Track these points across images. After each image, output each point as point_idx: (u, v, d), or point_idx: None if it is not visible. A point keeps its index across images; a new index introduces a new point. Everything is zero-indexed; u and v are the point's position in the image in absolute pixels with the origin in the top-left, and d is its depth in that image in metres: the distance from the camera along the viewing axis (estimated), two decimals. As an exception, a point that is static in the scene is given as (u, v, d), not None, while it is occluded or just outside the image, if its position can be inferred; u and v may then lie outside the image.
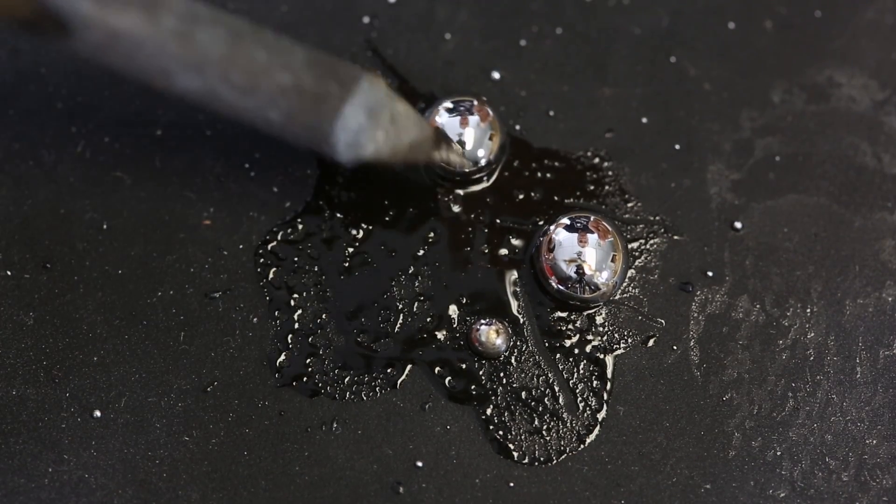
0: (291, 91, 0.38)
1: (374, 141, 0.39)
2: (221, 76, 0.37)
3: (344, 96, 0.38)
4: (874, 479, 0.43)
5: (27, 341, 0.43)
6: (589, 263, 0.43)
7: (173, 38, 0.37)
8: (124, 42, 0.36)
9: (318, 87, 0.38)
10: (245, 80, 0.38)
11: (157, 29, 0.37)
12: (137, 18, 0.36)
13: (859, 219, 0.47)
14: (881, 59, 0.50)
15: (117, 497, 0.41)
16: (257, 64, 0.38)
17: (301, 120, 0.38)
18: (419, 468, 0.42)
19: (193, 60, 0.37)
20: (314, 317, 0.44)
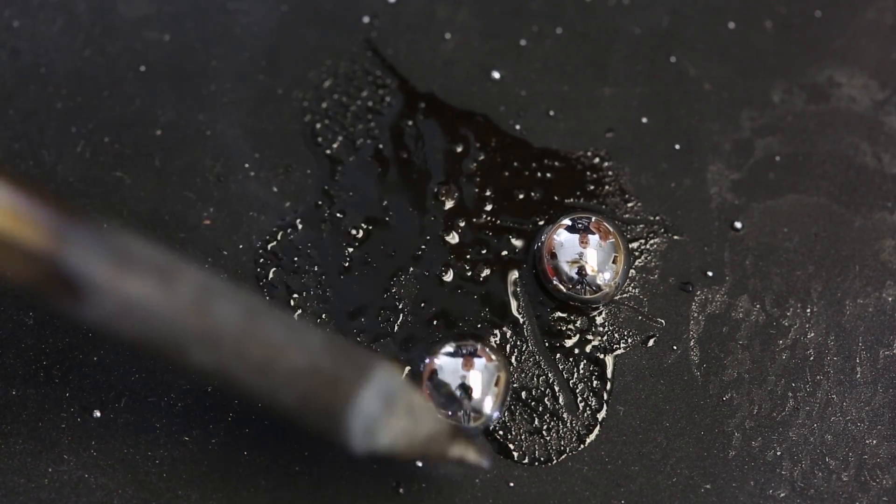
0: (307, 373, 0.37)
1: (390, 429, 0.37)
2: (237, 354, 0.36)
3: (359, 382, 0.37)
4: (874, 479, 0.43)
5: (27, 341, 0.43)
6: (591, 265, 0.43)
7: (188, 311, 0.35)
8: (138, 312, 0.35)
9: (334, 370, 0.37)
10: (260, 358, 0.36)
11: (172, 300, 0.35)
12: (153, 287, 0.35)
13: (859, 219, 0.47)
14: (881, 59, 0.50)
15: (117, 497, 0.41)
16: (272, 343, 0.36)
17: (315, 403, 0.37)
18: (419, 468, 0.42)
19: (208, 335, 0.36)
20: (314, 317, 0.44)
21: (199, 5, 0.49)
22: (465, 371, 0.42)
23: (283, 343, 0.37)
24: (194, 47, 0.48)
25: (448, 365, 0.42)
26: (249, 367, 0.36)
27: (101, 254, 0.35)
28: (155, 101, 0.47)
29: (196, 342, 0.36)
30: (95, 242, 0.35)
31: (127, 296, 0.35)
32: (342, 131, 0.47)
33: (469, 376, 0.42)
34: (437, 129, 0.47)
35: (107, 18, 0.48)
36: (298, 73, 0.48)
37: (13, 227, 0.34)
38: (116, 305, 0.35)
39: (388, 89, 0.48)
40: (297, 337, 0.37)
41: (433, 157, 0.47)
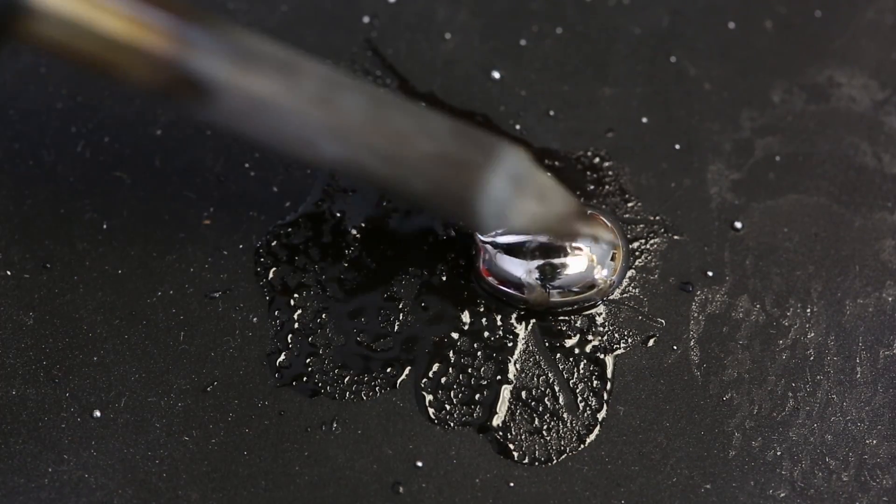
0: (436, 158, 0.36)
1: (521, 213, 0.37)
2: (365, 144, 0.36)
3: (489, 164, 0.37)
4: (874, 479, 0.43)
5: (27, 341, 0.43)
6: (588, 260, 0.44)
7: (316, 104, 0.36)
8: (265, 109, 0.35)
9: (463, 154, 0.37)
10: (389, 147, 0.36)
11: (299, 94, 0.35)
12: (278, 84, 0.35)
13: (859, 219, 0.47)
14: (881, 58, 0.50)
15: (117, 497, 0.41)
16: (401, 131, 0.36)
17: (446, 189, 0.37)
18: (419, 468, 0.42)
19: (336, 127, 0.36)
20: (314, 316, 0.44)
21: (199, 5, 0.49)
22: None
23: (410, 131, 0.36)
24: (194, 47, 0.48)
25: None
26: (379, 156, 0.36)
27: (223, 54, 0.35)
28: (155, 101, 0.47)
29: (324, 135, 0.36)
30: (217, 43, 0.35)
31: (253, 93, 0.35)
32: (342, 131, 0.47)
33: None
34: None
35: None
36: (298, 73, 0.48)
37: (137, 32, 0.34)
38: (243, 104, 0.35)
39: (388, 89, 0.48)
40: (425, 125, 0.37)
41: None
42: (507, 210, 0.37)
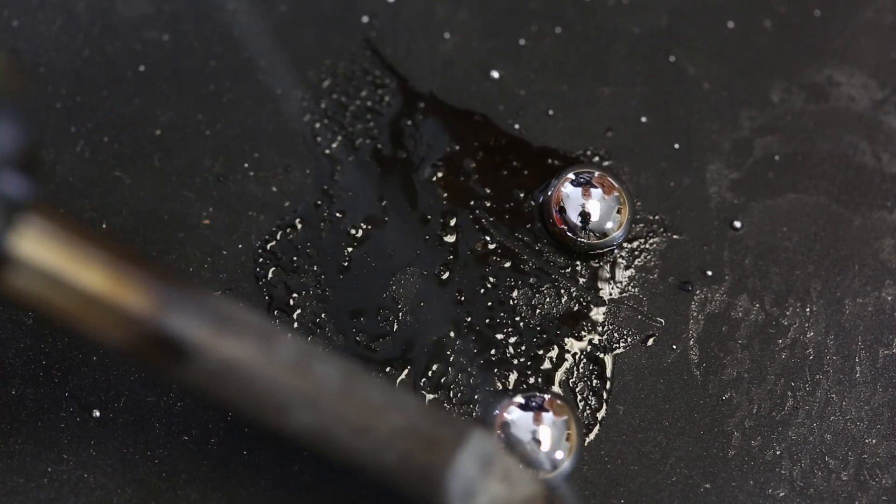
0: (406, 433, 0.37)
1: (486, 494, 0.37)
2: (337, 414, 0.36)
3: (458, 443, 0.37)
4: (874, 478, 0.43)
5: (26, 341, 0.43)
6: (594, 212, 0.44)
7: (288, 371, 0.36)
8: (238, 372, 0.35)
9: (433, 431, 0.37)
10: (360, 418, 0.36)
11: (273, 360, 0.36)
12: (253, 348, 0.35)
13: (859, 218, 0.47)
14: (880, 58, 0.50)
15: (116, 496, 0.41)
16: (373, 404, 0.37)
17: (413, 464, 0.37)
18: (418, 467, 0.42)
19: (308, 396, 0.36)
20: (313, 316, 0.44)
21: (199, 5, 0.49)
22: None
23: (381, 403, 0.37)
24: (193, 47, 0.48)
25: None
26: (349, 427, 0.37)
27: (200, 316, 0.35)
28: (154, 100, 0.47)
29: (296, 403, 0.36)
30: (194, 306, 0.35)
31: (228, 356, 0.35)
32: (341, 131, 0.47)
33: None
34: (437, 129, 0.47)
35: (106, 18, 0.48)
36: (298, 73, 0.48)
37: (116, 290, 0.35)
38: (217, 366, 0.35)
39: (387, 89, 0.48)
40: (395, 399, 0.37)
41: (432, 156, 0.47)
42: (473, 490, 0.37)
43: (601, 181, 0.45)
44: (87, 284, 0.34)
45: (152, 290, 0.35)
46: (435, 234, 0.45)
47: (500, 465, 0.38)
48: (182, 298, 0.35)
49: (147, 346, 0.35)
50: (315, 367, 0.36)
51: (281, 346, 0.36)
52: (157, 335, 0.35)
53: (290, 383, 0.36)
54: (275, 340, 0.36)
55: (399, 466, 0.37)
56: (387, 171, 0.46)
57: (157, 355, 0.36)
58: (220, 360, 0.35)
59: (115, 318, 0.35)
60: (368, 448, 0.37)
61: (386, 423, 0.37)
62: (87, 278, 0.34)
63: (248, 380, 0.36)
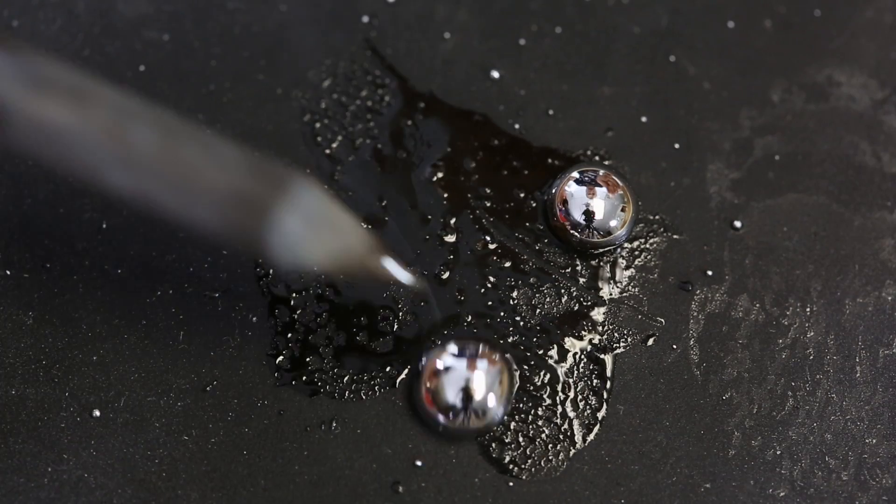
0: (225, 192, 0.36)
1: (311, 248, 0.37)
2: (152, 174, 0.35)
3: (280, 200, 0.36)
4: (874, 478, 0.43)
5: (26, 341, 0.43)
6: (598, 211, 0.44)
7: (103, 133, 0.35)
8: (51, 134, 0.35)
9: (253, 189, 0.36)
10: (176, 179, 0.36)
11: (87, 121, 0.35)
12: (67, 110, 0.35)
13: (859, 218, 0.47)
14: (881, 58, 0.50)
15: (116, 496, 0.41)
16: (190, 163, 0.36)
17: (234, 223, 0.36)
18: (418, 468, 0.42)
19: (124, 156, 0.35)
20: (313, 316, 0.44)
21: (199, 5, 0.49)
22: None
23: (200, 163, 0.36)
24: (194, 47, 0.48)
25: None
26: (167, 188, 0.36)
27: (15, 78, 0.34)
28: (154, 100, 0.47)
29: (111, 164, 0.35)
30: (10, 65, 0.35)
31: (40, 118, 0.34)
32: (341, 131, 0.47)
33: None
34: (437, 129, 0.47)
35: (106, 18, 0.48)
36: (297, 73, 0.48)
37: None
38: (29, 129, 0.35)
39: (387, 89, 0.48)
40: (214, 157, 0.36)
41: (432, 156, 0.47)
42: (298, 245, 0.37)
43: (606, 179, 0.45)
44: None
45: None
46: (435, 234, 0.45)
47: (326, 217, 0.37)
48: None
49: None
50: (132, 126, 0.35)
51: (96, 105, 0.35)
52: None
53: (105, 145, 0.35)
54: (90, 100, 0.35)
55: (221, 226, 0.37)
56: (387, 171, 0.46)
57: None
58: (31, 121, 0.35)
59: None
60: (188, 208, 0.36)
61: (204, 183, 0.36)
62: None
63: (62, 143, 0.35)
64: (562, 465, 0.42)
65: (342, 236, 0.37)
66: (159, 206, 0.36)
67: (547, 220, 0.45)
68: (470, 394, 0.42)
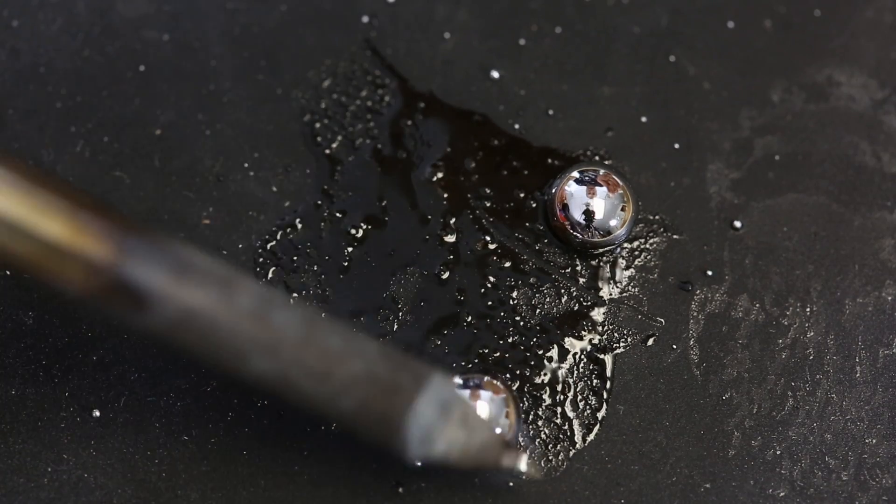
0: (364, 380, 0.37)
1: (445, 438, 0.38)
2: (295, 360, 0.37)
3: (417, 389, 0.37)
4: (874, 478, 0.43)
5: (26, 341, 0.43)
6: (598, 210, 0.44)
7: (249, 318, 0.36)
8: (199, 320, 0.36)
9: (392, 377, 0.37)
10: (319, 364, 0.37)
11: (233, 307, 0.36)
12: (214, 296, 0.36)
13: (859, 218, 0.47)
14: (881, 58, 0.50)
15: (116, 496, 0.41)
16: (331, 350, 0.37)
17: (373, 410, 0.37)
18: (419, 467, 0.42)
19: (268, 342, 0.36)
20: (313, 316, 0.44)
21: (199, 5, 0.49)
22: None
23: (341, 350, 0.37)
24: (194, 47, 0.48)
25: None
26: (309, 373, 0.37)
27: (161, 264, 0.35)
28: (154, 100, 0.47)
29: (256, 349, 0.36)
30: (155, 253, 0.35)
31: (189, 304, 0.35)
32: (341, 131, 0.47)
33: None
34: (437, 129, 0.47)
35: (106, 18, 0.48)
36: (297, 73, 0.48)
37: (76, 238, 0.35)
38: (178, 314, 0.36)
39: (387, 89, 0.48)
40: (355, 345, 0.37)
41: (432, 156, 0.47)
42: (432, 435, 0.38)
43: (606, 179, 0.45)
44: (47, 232, 0.34)
45: (112, 238, 0.35)
46: (435, 234, 0.45)
47: (458, 410, 0.38)
48: (142, 246, 0.35)
49: (107, 294, 0.35)
50: (275, 314, 0.36)
51: (241, 293, 0.36)
52: (118, 283, 0.35)
53: (250, 330, 0.36)
54: (235, 287, 0.36)
55: (358, 412, 0.38)
56: (387, 171, 0.46)
57: (117, 303, 0.36)
58: (179, 308, 0.35)
59: (75, 266, 0.35)
60: (327, 394, 0.37)
61: (345, 370, 0.37)
62: (47, 226, 0.34)
63: (207, 328, 0.36)
64: (562, 465, 0.42)
65: (473, 431, 0.39)
66: (300, 391, 0.37)
67: (547, 220, 0.45)
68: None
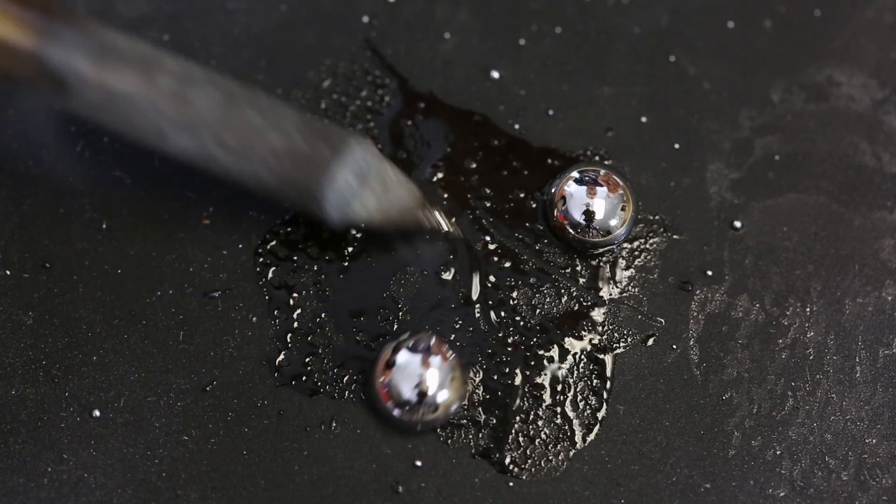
0: (283, 153, 0.39)
1: (364, 204, 0.39)
2: (215, 137, 0.38)
3: (334, 158, 0.39)
4: (874, 478, 0.43)
5: (26, 341, 0.43)
6: (598, 210, 0.44)
7: (168, 99, 0.37)
8: (120, 102, 0.37)
9: (310, 149, 0.39)
10: (238, 141, 0.38)
11: (153, 89, 0.37)
12: (134, 78, 0.37)
13: (859, 218, 0.47)
14: (880, 58, 0.50)
15: (116, 496, 0.41)
16: (251, 126, 0.38)
17: (292, 181, 0.39)
18: (418, 468, 0.42)
19: (188, 121, 0.38)
20: (313, 316, 0.44)
21: (199, 5, 0.49)
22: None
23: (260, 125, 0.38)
24: (194, 47, 0.48)
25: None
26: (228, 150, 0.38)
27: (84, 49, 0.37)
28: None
29: (176, 128, 0.38)
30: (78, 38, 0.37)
31: (110, 87, 0.37)
32: (341, 131, 0.47)
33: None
34: (437, 129, 0.47)
35: (106, 18, 0.48)
36: (297, 73, 0.48)
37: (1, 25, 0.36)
38: (100, 97, 0.37)
39: (387, 89, 0.48)
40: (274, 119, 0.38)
41: (432, 156, 0.47)
42: (350, 201, 0.39)
43: (606, 179, 0.45)
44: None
45: (38, 25, 0.36)
46: (435, 234, 0.45)
47: (376, 175, 0.39)
48: (65, 31, 0.37)
49: (35, 78, 0.37)
50: (194, 93, 0.38)
51: (161, 74, 0.37)
52: (44, 68, 0.36)
53: (169, 110, 0.37)
54: (156, 68, 0.37)
55: (278, 184, 0.39)
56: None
57: (44, 86, 0.37)
58: (101, 90, 0.37)
59: (3, 53, 0.36)
60: (247, 168, 0.39)
61: (264, 144, 0.38)
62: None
63: (128, 108, 0.37)
64: (562, 465, 0.42)
65: (392, 192, 0.40)
66: (221, 166, 0.39)
67: (547, 220, 0.46)
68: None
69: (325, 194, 0.39)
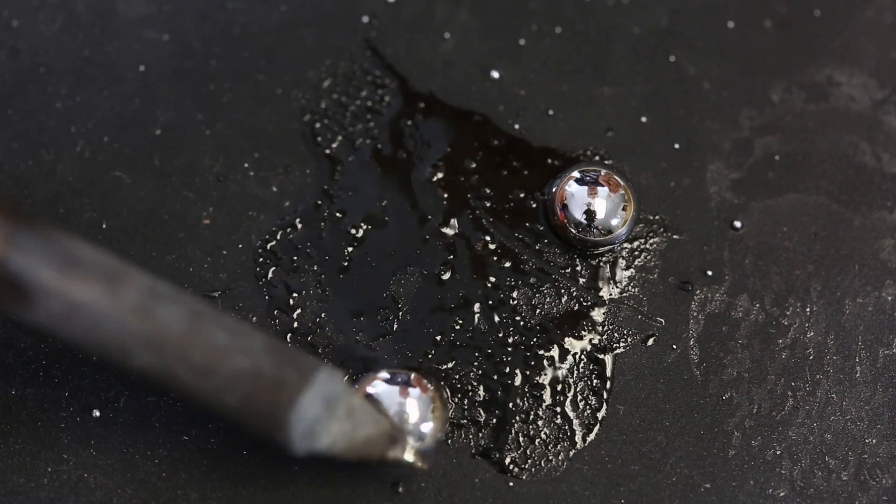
0: (249, 376, 0.37)
1: (329, 433, 0.38)
2: (179, 355, 0.37)
3: (302, 385, 0.37)
4: (874, 478, 0.43)
5: (26, 341, 0.43)
6: (599, 210, 0.44)
7: (133, 314, 0.36)
8: (83, 314, 0.36)
9: (277, 373, 0.37)
10: (203, 361, 0.37)
11: (118, 302, 0.36)
12: (98, 291, 0.36)
13: (859, 218, 0.47)
14: (880, 58, 0.50)
15: (116, 496, 0.41)
16: (216, 345, 0.37)
17: (257, 406, 0.37)
18: (418, 467, 0.42)
19: (152, 338, 0.36)
20: (313, 316, 0.44)
21: (199, 5, 0.49)
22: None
23: (226, 346, 0.37)
24: (193, 47, 0.48)
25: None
26: (192, 369, 0.37)
27: (47, 258, 0.35)
28: (154, 100, 0.47)
29: (139, 345, 0.36)
30: (42, 247, 0.35)
31: (73, 298, 0.35)
32: (341, 131, 0.47)
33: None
34: (437, 129, 0.47)
35: (106, 18, 0.48)
36: (297, 73, 0.48)
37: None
38: (62, 308, 0.36)
39: (387, 89, 0.48)
40: (241, 341, 0.37)
41: (432, 156, 0.47)
42: (316, 430, 0.38)
43: (607, 179, 0.45)
44: None
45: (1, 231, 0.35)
46: (435, 234, 0.45)
47: (344, 404, 0.38)
48: (29, 238, 0.35)
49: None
50: (159, 309, 0.36)
51: (126, 288, 0.36)
52: (3, 276, 0.35)
53: (134, 325, 0.36)
54: (120, 282, 0.36)
55: (242, 408, 0.38)
56: (387, 171, 0.46)
57: (3, 295, 0.35)
58: (64, 301, 0.35)
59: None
60: (211, 389, 0.37)
61: (229, 366, 0.37)
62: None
63: (91, 322, 0.36)
64: (562, 465, 0.42)
65: (359, 423, 0.39)
66: (184, 386, 0.37)
67: (547, 220, 0.46)
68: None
69: (291, 421, 0.37)
